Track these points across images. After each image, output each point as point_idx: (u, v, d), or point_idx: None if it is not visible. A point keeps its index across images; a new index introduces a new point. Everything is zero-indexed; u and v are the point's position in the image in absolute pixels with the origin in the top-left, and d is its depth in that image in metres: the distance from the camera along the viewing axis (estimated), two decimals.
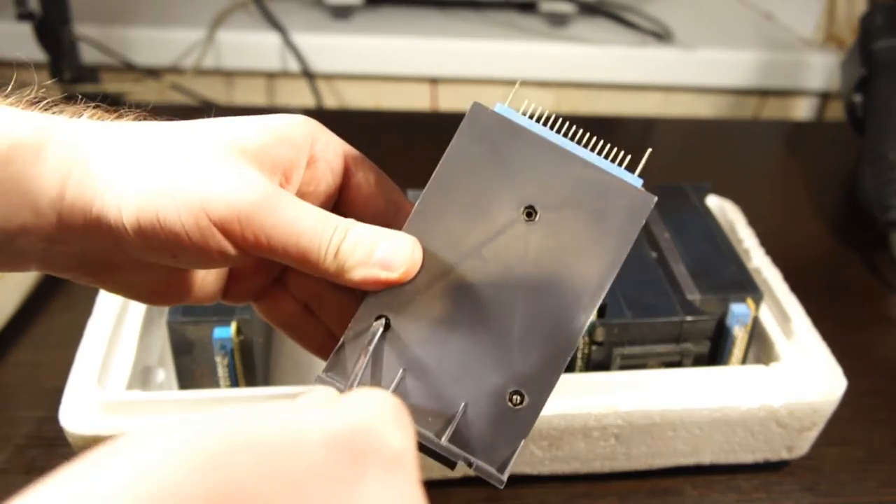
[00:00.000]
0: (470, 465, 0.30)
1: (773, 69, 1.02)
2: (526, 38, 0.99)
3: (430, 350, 0.30)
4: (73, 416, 0.42)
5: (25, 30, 0.80)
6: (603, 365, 0.47)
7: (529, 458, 0.47)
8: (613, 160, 0.31)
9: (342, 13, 0.99)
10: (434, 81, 1.01)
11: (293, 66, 0.95)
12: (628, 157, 0.31)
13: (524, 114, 0.31)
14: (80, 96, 0.32)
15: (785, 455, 0.49)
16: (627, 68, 1.00)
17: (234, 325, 0.44)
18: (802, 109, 1.07)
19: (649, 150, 0.31)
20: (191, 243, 0.28)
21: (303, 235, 0.28)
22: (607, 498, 0.48)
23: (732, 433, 0.47)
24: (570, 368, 0.48)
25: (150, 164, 0.28)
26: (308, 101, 0.97)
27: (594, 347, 0.47)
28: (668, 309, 0.47)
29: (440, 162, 0.30)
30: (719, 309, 0.49)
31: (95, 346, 0.46)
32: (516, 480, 0.47)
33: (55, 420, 0.42)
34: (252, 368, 0.46)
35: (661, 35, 1.01)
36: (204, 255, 0.29)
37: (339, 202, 0.34)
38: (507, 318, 0.30)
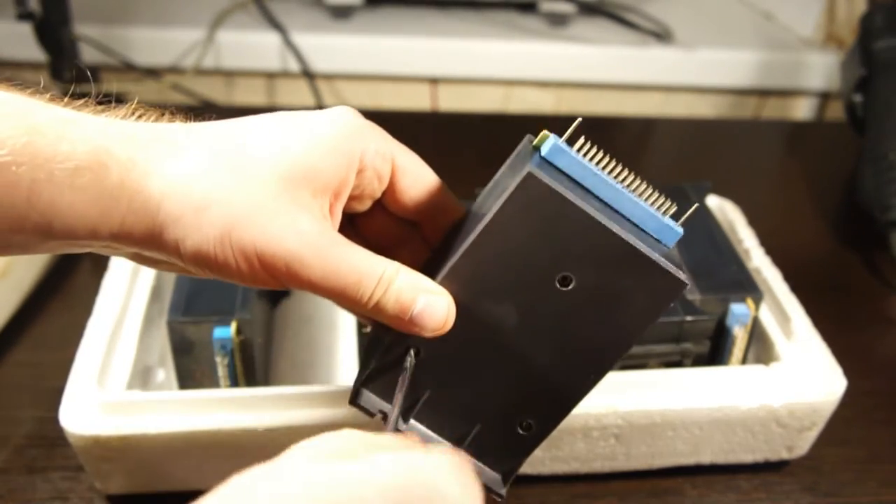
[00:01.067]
0: (477, 472, 0.31)
1: (773, 69, 1.02)
2: (526, 38, 0.99)
3: (454, 380, 0.33)
4: (73, 416, 0.42)
5: (25, 30, 0.80)
6: None
7: (529, 458, 0.46)
8: (660, 207, 0.31)
9: (342, 13, 0.99)
10: (434, 81, 1.01)
11: (293, 66, 0.95)
12: (673, 208, 0.31)
13: (579, 151, 0.30)
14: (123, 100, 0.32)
15: (785, 455, 0.49)
16: (627, 68, 1.00)
17: (234, 325, 0.44)
18: (802, 109, 1.07)
19: (696, 205, 0.32)
20: (240, 277, 0.30)
21: (348, 289, 0.30)
22: (607, 498, 0.48)
23: (732, 433, 0.47)
24: None
25: (206, 201, 0.29)
26: (308, 101, 0.97)
27: None
28: (669, 309, 0.47)
29: (486, 221, 0.30)
30: (719, 309, 0.48)
31: (95, 346, 0.46)
32: (516, 480, 0.47)
33: (55, 420, 0.42)
34: (252, 368, 0.46)
35: (661, 35, 1.01)
36: (250, 284, 0.31)
37: (384, 199, 0.34)
38: (527, 364, 0.32)
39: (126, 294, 0.50)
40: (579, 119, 0.30)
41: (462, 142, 0.83)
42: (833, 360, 0.48)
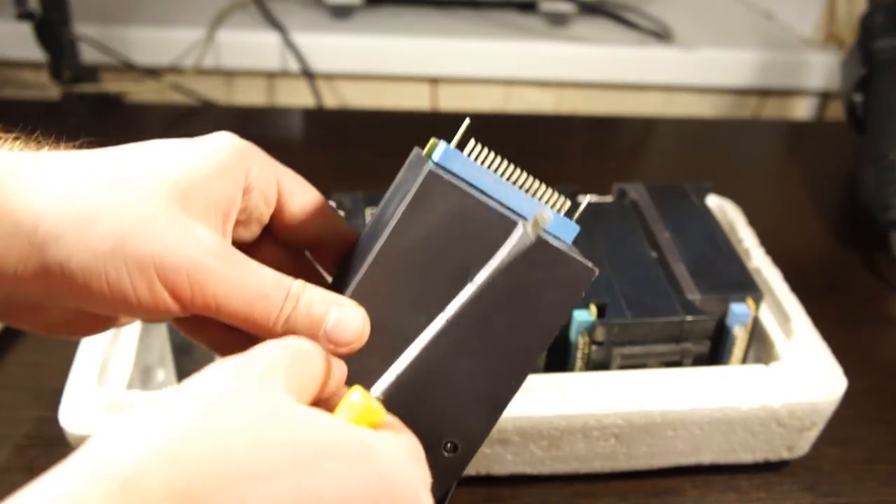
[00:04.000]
0: None
1: (773, 69, 1.02)
2: (526, 38, 0.99)
3: (370, 385, 0.31)
4: (73, 416, 0.42)
5: (25, 30, 0.80)
6: (603, 365, 0.47)
7: (529, 458, 0.47)
8: (554, 205, 0.31)
9: (342, 13, 0.99)
10: (434, 81, 1.00)
11: (293, 65, 0.95)
12: (567, 204, 0.31)
13: (469, 155, 0.30)
14: None
15: (785, 455, 0.49)
16: (627, 68, 1.00)
17: None
18: (802, 109, 1.07)
19: (588, 198, 0.31)
20: (138, 303, 0.27)
21: (255, 304, 0.28)
22: (607, 498, 0.48)
23: (732, 433, 0.47)
24: (570, 368, 0.48)
25: (91, 215, 0.26)
26: (308, 101, 0.97)
27: (594, 347, 0.47)
28: (668, 309, 0.47)
29: (390, 228, 0.29)
30: (719, 309, 0.48)
31: (95, 346, 0.46)
32: (516, 480, 0.47)
33: (55, 420, 0.42)
34: None
35: (662, 35, 1.01)
36: (147, 313, 0.27)
37: (272, 225, 0.33)
38: (447, 377, 0.31)
39: None
40: (467, 121, 0.30)
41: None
42: (833, 360, 0.48)
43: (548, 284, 0.30)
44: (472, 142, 0.30)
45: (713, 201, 0.61)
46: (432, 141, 0.31)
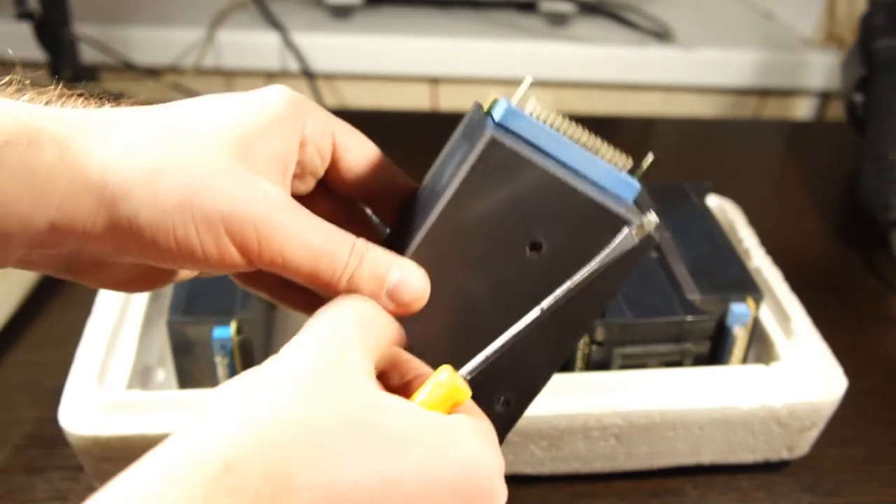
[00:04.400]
0: None
1: (773, 69, 1.02)
2: (526, 38, 0.99)
3: (430, 361, 0.31)
4: (73, 416, 0.42)
5: (25, 29, 0.80)
6: (603, 365, 0.47)
7: (529, 458, 0.46)
8: (616, 162, 0.31)
9: (342, 13, 0.99)
10: (434, 81, 1.00)
11: (293, 65, 0.95)
12: (629, 163, 0.31)
13: (531, 113, 0.30)
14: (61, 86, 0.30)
15: (785, 455, 0.49)
16: (627, 68, 1.00)
17: (233, 325, 0.44)
18: (802, 109, 1.07)
19: (650, 155, 0.31)
20: (204, 258, 0.27)
21: (321, 259, 0.28)
22: (608, 498, 0.48)
23: (733, 433, 0.47)
24: (570, 368, 0.48)
25: (158, 169, 0.26)
26: None
27: (594, 347, 0.47)
28: (669, 309, 0.47)
29: (450, 191, 0.29)
30: (719, 309, 0.48)
31: (95, 346, 0.46)
32: (516, 480, 0.47)
33: (55, 420, 0.42)
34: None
35: (662, 35, 1.01)
36: (213, 267, 0.28)
37: (326, 178, 0.33)
38: (515, 347, 0.31)
39: (126, 294, 0.50)
40: (529, 78, 0.30)
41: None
42: (833, 360, 0.48)
43: (616, 262, 0.30)
44: (532, 100, 0.29)
45: (713, 201, 0.61)
46: (493, 98, 0.30)
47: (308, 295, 0.33)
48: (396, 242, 0.31)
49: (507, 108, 0.29)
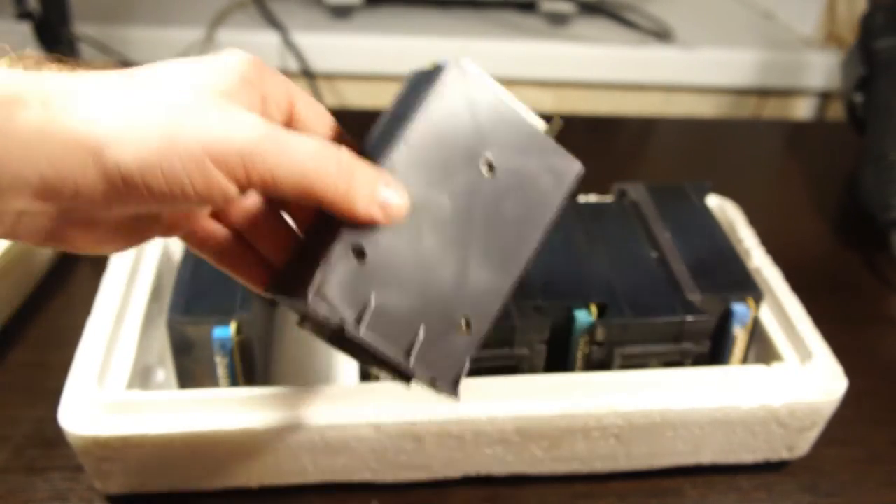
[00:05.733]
0: (433, 384, 0.34)
1: (773, 69, 1.02)
2: (526, 38, 0.99)
3: (397, 280, 0.33)
4: (73, 416, 0.42)
5: (25, 30, 0.80)
6: (603, 365, 0.47)
7: (529, 458, 0.47)
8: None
9: (342, 13, 0.99)
10: None
11: (293, 65, 0.95)
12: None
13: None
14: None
15: (785, 455, 0.49)
16: (627, 68, 1.00)
17: (233, 325, 0.44)
18: (802, 109, 1.07)
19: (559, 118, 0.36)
20: (195, 194, 0.28)
21: (311, 170, 0.29)
22: (607, 498, 0.48)
23: (733, 433, 0.47)
24: (570, 368, 0.48)
25: (139, 115, 0.28)
26: None
27: (594, 347, 0.47)
28: (669, 309, 0.47)
29: (419, 112, 0.33)
30: (719, 309, 0.48)
31: (95, 346, 0.46)
32: (516, 480, 0.47)
33: (55, 420, 0.42)
34: (252, 368, 0.46)
35: (662, 35, 1.01)
36: (205, 201, 0.29)
37: None
38: (464, 254, 0.34)
39: (125, 294, 0.50)
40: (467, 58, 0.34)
41: None
42: (833, 360, 0.48)
43: (544, 173, 0.35)
44: (468, 60, 0.34)
45: (713, 201, 0.61)
46: (433, 61, 0.35)
47: (252, 264, 0.35)
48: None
49: (451, 60, 0.34)
